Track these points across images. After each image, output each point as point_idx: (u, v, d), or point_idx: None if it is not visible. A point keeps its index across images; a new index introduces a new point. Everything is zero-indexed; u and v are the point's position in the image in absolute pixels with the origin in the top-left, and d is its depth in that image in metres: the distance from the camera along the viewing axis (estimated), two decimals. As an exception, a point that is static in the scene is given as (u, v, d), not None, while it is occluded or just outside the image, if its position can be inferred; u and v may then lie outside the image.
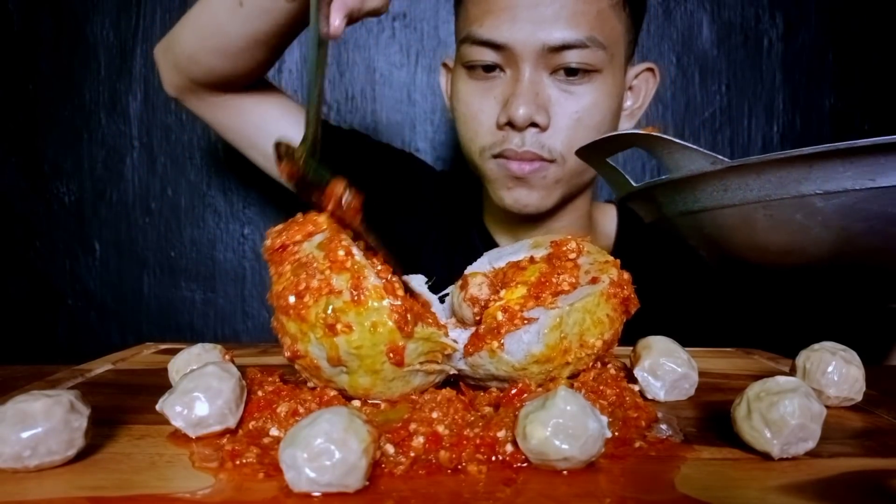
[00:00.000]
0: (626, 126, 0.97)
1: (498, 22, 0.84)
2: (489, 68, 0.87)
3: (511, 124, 0.85)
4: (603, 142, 0.65)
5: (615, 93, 0.90)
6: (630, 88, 0.97)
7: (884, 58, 1.29)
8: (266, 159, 1.00)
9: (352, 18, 0.66)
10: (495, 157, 0.89)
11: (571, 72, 0.85)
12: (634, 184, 0.67)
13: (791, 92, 1.30)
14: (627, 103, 0.97)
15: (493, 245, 1.02)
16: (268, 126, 0.97)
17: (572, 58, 0.84)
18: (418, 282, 0.58)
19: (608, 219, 1.07)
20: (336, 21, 0.62)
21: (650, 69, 0.97)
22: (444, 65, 1.02)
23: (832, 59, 1.30)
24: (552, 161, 0.88)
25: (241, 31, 0.83)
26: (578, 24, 0.83)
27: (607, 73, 0.87)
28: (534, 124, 0.85)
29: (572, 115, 0.86)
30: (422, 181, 1.09)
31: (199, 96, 0.95)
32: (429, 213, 1.07)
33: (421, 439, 0.39)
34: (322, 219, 0.50)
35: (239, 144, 1.02)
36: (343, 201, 0.50)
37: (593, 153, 0.67)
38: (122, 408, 0.48)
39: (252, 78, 0.93)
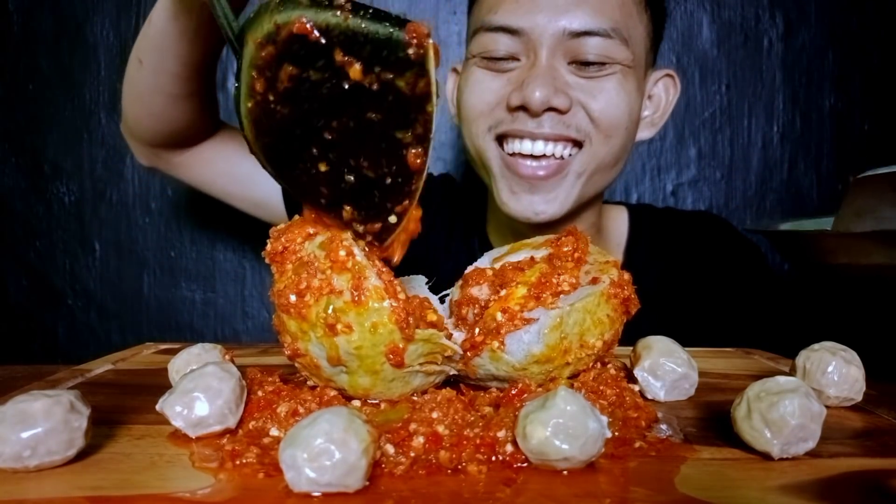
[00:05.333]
0: (645, 136, 0.92)
1: (515, 7, 0.81)
2: (501, 59, 0.82)
3: (525, 109, 0.79)
4: None
5: (635, 95, 0.85)
6: (650, 98, 0.93)
7: (884, 58, 1.29)
8: (247, 203, 0.99)
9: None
10: (501, 139, 0.83)
11: (589, 63, 0.81)
12: None
13: (791, 92, 1.30)
14: (646, 112, 0.92)
15: None
16: (236, 170, 0.95)
17: (593, 47, 0.79)
18: (419, 282, 0.58)
19: (619, 221, 1.02)
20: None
21: (670, 75, 0.94)
22: (454, 70, 0.97)
23: (832, 59, 1.30)
24: (579, 145, 0.81)
25: (151, 88, 0.81)
26: (603, 13, 0.80)
27: (627, 72, 0.83)
28: (552, 109, 0.79)
29: (597, 99, 0.81)
30: (424, 194, 1.05)
31: (165, 160, 0.94)
32: (430, 219, 1.03)
33: (421, 439, 0.39)
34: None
35: (220, 196, 1.00)
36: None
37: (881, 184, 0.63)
38: (122, 408, 0.48)
39: (199, 128, 0.91)
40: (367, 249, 0.49)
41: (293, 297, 0.46)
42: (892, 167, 0.62)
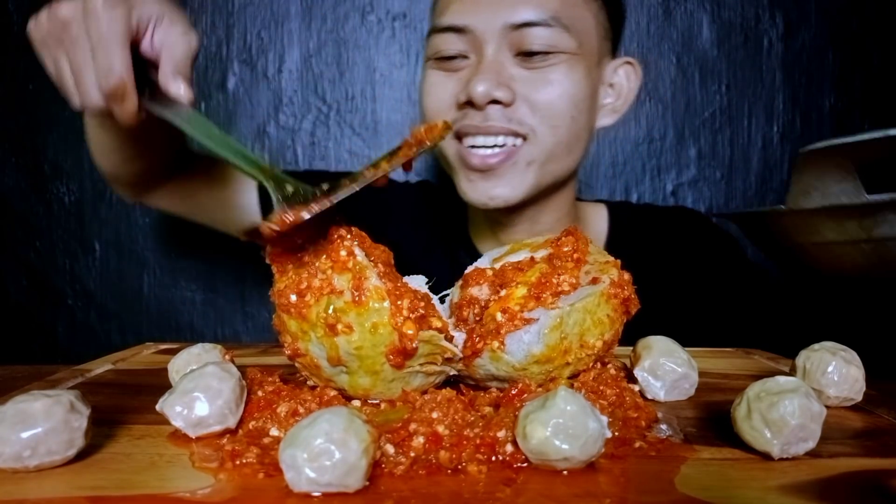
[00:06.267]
0: (606, 122, 0.95)
1: (461, 7, 0.84)
2: (455, 58, 0.86)
3: (471, 103, 0.83)
4: (864, 143, 0.58)
5: (587, 83, 0.87)
6: (611, 85, 0.94)
7: (884, 58, 1.29)
8: (232, 228, 1.01)
9: (187, 75, 0.64)
10: (459, 137, 0.86)
11: (535, 54, 0.83)
12: (868, 196, 0.60)
13: (791, 92, 1.30)
14: (608, 100, 0.94)
15: (479, 257, 1.00)
16: (222, 200, 0.97)
17: (536, 37, 0.82)
18: (419, 282, 0.58)
19: (598, 218, 1.04)
20: (180, 88, 0.61)
21: (629, 63, 0.95)
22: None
23: (832, 59, 1.30)
24: (523, 137, 0.84)
25: (108, 142, 0.83)
26: (542, 4, 0.83)
27: (576, 61, 0.85)
28: (497, 102, 0.82)
29: (540, 90, 0.84)
30: (397, 198, 1.06)
31: (146, 194, 0.96)
32: (410, 227, 1.04)
33: (421, 439, 0.39)
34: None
35: (214, 227, 1.02)
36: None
37: (833, 157, 0.61)
38: (122, 408, 0.48)
39: (171, 166, 0.92)
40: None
41: (294, 297, 0.46)
42: (834, 140, 0.60)
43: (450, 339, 0.49)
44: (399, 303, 0.44)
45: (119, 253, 1.30)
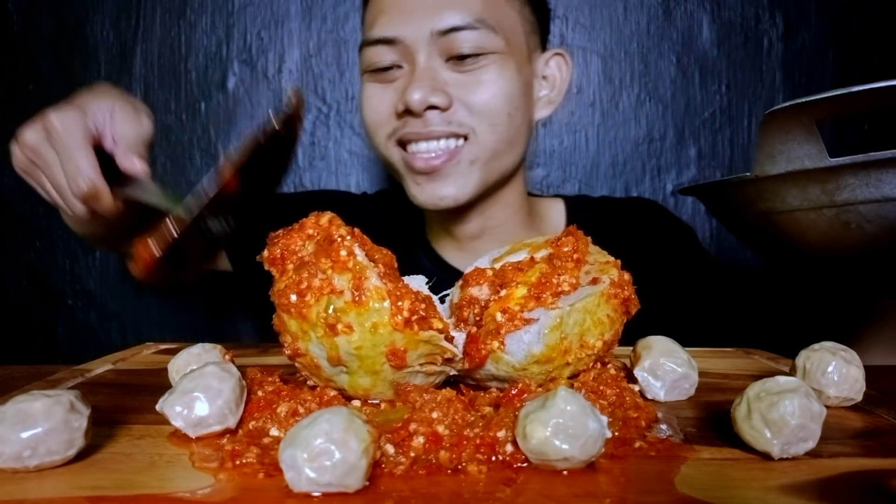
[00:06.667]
0: (544, 114, 0.97)
1: (388, 18, 0.87)
2: (389, 69, 0.88)
3: (409, 112, 0.85)
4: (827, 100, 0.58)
5: (519, 79, 0.89)
6: (545, 78, 0.97)
7: (884, 58, 1.29)
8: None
9: (142, 154, 0.70)
10: (400, 145, 0.89)
11: (467, 57, 0.86)
12: (831, 160, 0.61)
13: (791, 92, 1.30)
14: (543, 92, 0.96)
15: (442, 263, 1.01)
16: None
17: (464, 41, 0.85)
18: (419, 282, 0.58)
19: (554, 212, 1.05)
20: (135, 164, 0.66)
21: (559, 54, 0.98)
22: None
23: (832, 59, 1.30)
24: (464, 137, 0.87)
25: (97, 231, 0.85)
26: (466, 8, 0.85)
27: (506, 58, 0.87)
28: (434, 107, 0.85)
29: (475, 92, 0.86)
30: (352, 211, 1.07)
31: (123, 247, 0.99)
32: (373, 239, 1.05)
33: (421, 439, 0.39)
34: (324, 220, 0.50)
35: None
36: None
37: (793, 117, 0.61)
38: (122, 408, 0.48)
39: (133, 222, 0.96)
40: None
41: (294, 297, 0.46)
42: (796, 99, 0.59)
43: (450, 339, 0.49)
44: (399, 304, 0.44)
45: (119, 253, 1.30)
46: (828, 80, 1.30)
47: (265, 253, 0.49)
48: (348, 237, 0.48)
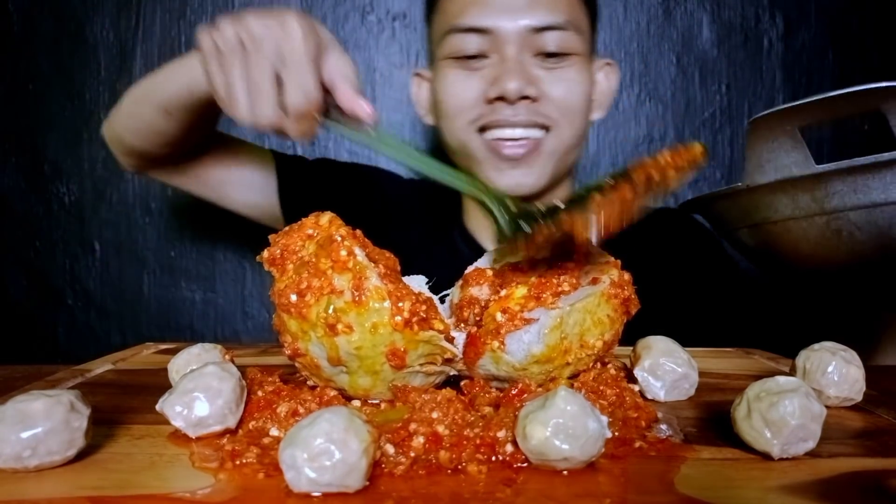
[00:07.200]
0: (597, 116, 1.01)
1: (481, 10, 0.90)
2: (474, 57, 0.92)
3: (502, 99, 0.89)
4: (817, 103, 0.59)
5: (588, 80, 0.95)
6: (593, 83, 1.00)
7: (884, 58, 1.29)
8: (246, 207, 1.04)
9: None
10: (482, 130, 0.92)
11: (551, 55, 0.90)
12: (817, 166, 0.61)
13: (791, 92, 1.30)
14: (595, 97, 1.00)
15: (476, 246, 1.03)
16: (232, 177, 1.01)
17: (553, 40, 0.90)
18: (419, 282, 0.58)
19: None
20: (365, 108, 0.62)
21: (609, 64, 1.02)
22: (417, 74, 1.04)
23: (832, 59, 1.30)
24: (547, 129, 0.91)
25: (174, 128, 0.86)
26: (557, 9, 0.91)
27: (582, 59, 0.93)
28: (525, 98, 0.89)
29: (561, 88, 0.91)
30: (393, 190, 1.11)
31: (153, 171, 0.99)
32: (406, 220, 1.08)
33: (421, 439, 0.39)
34: (324, 220, 0.50)
35: (214, 201, 1.04)
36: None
37: (781, 122, 0.62)
38: (122, 408, 0.48)
39: (198, 146, 0.96)
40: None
41: (294, 297, 0.46)
42: (778, 106, 0.60)
43: (450, 339, 0.49)
44: (400, 304, 0.44)
45: (119, 253, 1.30)
46: (828, 80, 1.30)
47: (265, 253, 0.49)
48: (348, 237, 0.48)
